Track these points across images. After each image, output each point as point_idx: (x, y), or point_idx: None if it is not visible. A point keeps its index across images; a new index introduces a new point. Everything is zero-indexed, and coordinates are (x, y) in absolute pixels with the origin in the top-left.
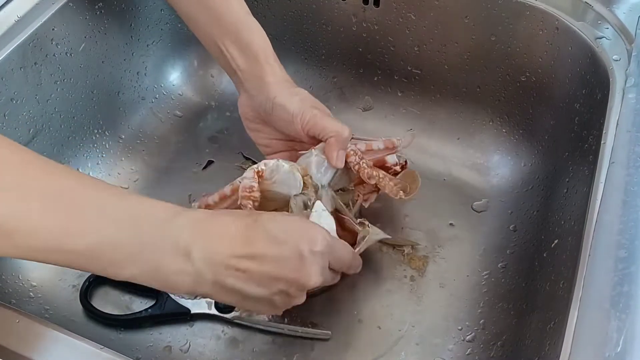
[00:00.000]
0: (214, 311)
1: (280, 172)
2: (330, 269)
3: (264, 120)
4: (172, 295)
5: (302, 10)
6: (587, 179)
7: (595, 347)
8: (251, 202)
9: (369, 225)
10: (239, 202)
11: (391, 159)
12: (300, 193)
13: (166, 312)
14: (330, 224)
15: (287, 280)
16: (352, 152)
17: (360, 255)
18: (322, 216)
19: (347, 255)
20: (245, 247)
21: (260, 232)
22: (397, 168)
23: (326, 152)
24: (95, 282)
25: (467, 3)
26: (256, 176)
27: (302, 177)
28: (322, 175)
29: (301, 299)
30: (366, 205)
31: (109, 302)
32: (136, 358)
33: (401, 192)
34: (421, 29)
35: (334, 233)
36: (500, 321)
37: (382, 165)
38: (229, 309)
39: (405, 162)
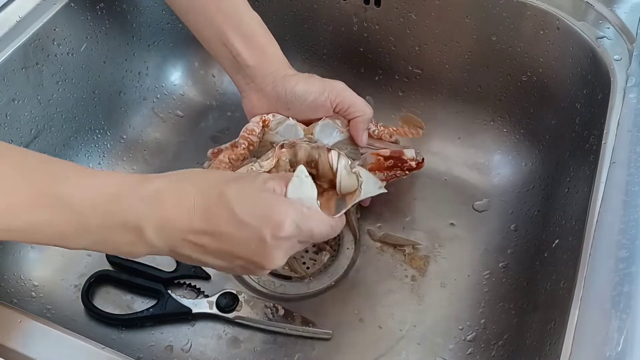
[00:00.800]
0: (215, 311)
1: (284, 124)
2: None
3: (284, 114)
4: (173, 295)
5: (303, 10)
6: (588, 179)
7: (595, 346)
8: (246, 144)
9: (361, 175)
10: (236, 139)
11: (409, 153)
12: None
13: (167, 311)
14: (310, 193)
15: (246, 260)
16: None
17: (358, 254)
18: (304, 182)
19: (323, 231)
20: (204, 223)
21: (223, 209)
22: (413, 164)
23: (352, 131)
24: (96, 282)
25: (468, 3)
26: (261, 123)
27: (305, 134)
28: (326, 138)
29: (264, 272)
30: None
31: (110, 301)
32: (137, 357)
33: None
34: (422, 29)
35: (313, 202)
36: (501, 321)
37: (399, 157)
38: (230, 308)
39: (423, 159)
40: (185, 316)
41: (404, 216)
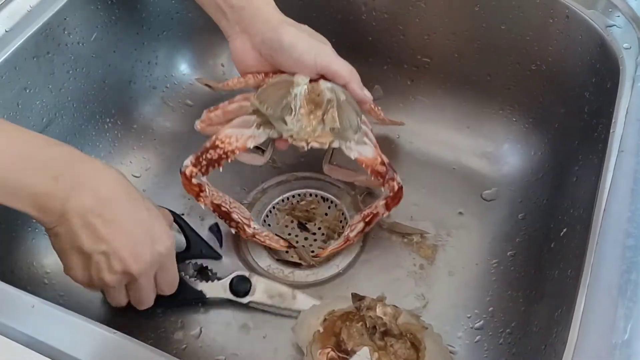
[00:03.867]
0: (229, 295)
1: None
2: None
3: (267, 61)
4: (185, 278)
5: None
6: (596, 168)
7: (602, 334)
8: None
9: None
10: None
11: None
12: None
13: (181, 297)
14: None
15: (116, 254)
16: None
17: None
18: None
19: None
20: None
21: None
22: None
23: (352, 94)
24: None
25: None
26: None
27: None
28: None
29: (116, 276)
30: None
31: None
32: (149, 342)
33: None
34: (431, 18)
35: None
36: (509, 309)
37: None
38: (244, 293)
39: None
40: (199, 301)
41: (413, 205)
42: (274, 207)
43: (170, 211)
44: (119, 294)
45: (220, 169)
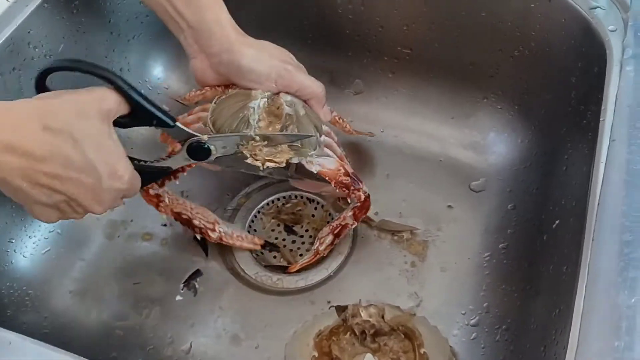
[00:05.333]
0: (192, 161)
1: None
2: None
3: (227, 80)
4: (142, 165)
5: None
6: (586, 157)
7: (603, 336)
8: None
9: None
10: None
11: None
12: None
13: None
14: None
15: (71, 197)
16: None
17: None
18: None
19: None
20: (47, 150)
21: (70, 143)
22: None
23: (314, 108)
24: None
25: None
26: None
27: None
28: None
29: (79, 215)
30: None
31: None
32: None
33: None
34: (409, 7)
35: None
36: (504, 304)
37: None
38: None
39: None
40: (166, 174)
41: (401, 201)
42: (259, 212)
43: (109, 74)
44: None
45: (177, 182)
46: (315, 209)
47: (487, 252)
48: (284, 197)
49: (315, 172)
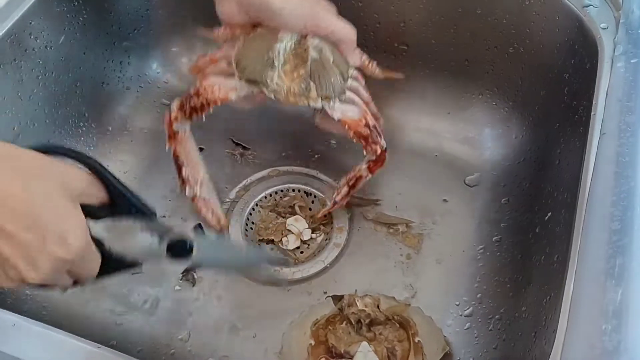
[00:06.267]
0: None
1: None
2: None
3: (256, 20)
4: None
5: None
6: (578, 151)
7: (592, 320)
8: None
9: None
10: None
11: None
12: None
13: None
14: None
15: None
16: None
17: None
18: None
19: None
20: None
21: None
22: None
23: (343, 54)
24: None
25: None
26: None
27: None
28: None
29: (13, 283)
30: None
31: None
32: (138, 351)
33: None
34: (406, 4)
35: None
36: (497, 295)
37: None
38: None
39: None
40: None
41: (397, 194)
42: (256, 205)
43: (89, 160)
44: (31, 288)
45: (203, 118)
46: (313, 202)
47: (481, 245)
48: (282, 191)
49: (336, 119)
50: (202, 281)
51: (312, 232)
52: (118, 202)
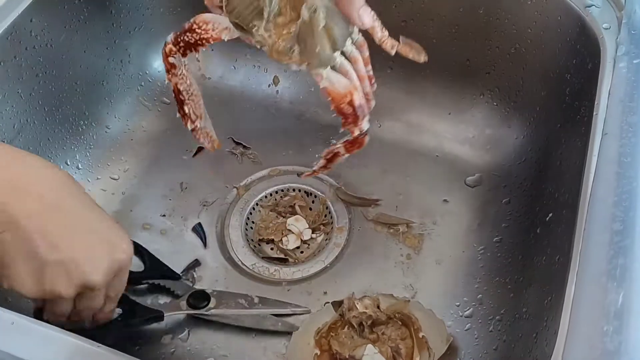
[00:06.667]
0: (188, 309)
1: None
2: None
3: None
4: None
5: None
6: (580, 151)
7: (593, 321)
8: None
9: None
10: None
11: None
12: None
13: (138, 317)
14: None
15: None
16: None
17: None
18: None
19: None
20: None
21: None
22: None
23: (345, 11)
24: None
25: None
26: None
27: None
28: None
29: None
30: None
31: None
32: (136, 349)
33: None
34: (407, 3)
35: None
36: (498, 296)
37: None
38: (202, 305)
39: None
40: (157, 320)
41: (397, 195)
42: (257, 204)
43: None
44: (67, 305)
45: (197, 55)
46: (313, 202)
47: (482, 246)
48: (282, 190)
49: (321, 87)
50: (202, 280)
51: (313, 232)
52: (153, 266)
